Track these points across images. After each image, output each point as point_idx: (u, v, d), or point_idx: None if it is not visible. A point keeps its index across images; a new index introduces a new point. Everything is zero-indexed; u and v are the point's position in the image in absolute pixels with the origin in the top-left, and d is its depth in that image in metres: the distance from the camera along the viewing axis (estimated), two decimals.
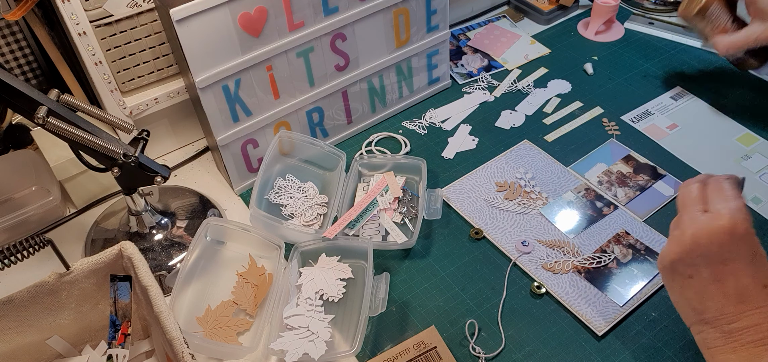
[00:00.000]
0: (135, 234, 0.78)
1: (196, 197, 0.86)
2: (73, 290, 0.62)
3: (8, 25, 0.90)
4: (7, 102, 0.63)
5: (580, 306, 0.70)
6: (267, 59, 0.80)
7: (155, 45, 0.84)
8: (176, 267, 0.77)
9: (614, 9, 1.10)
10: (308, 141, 0.87)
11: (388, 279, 0.74)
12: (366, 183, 0.86)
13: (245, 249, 0.78)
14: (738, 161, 0.86)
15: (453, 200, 0.84)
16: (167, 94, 0.87)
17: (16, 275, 0.72)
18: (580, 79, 1.03)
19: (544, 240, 0.78)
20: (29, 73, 0.96)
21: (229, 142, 0.83)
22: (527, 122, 0.96)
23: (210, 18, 0.73)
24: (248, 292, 0.73)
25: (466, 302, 0.72)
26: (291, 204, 0.83)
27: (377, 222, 0.80)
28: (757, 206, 0.80)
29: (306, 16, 0.81)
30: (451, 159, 0.91)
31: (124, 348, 0.65)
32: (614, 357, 0.66)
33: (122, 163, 0.68)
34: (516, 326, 0.69)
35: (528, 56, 1.09)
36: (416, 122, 0.97)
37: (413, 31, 0.93)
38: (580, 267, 0.74)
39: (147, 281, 0.59)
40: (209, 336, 0.69)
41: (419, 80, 0.99)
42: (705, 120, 0.86)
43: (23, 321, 0.61)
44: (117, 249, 0.63)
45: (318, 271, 0.75)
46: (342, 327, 0.70)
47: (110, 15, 0.78)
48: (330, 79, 0.88)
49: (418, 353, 0.66)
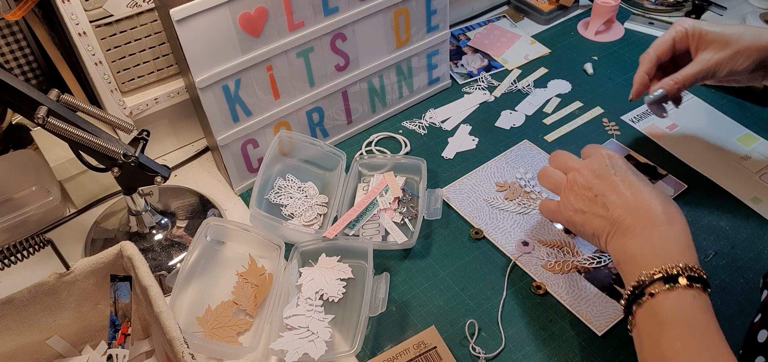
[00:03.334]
0: (135, 234, 0.78)
1: (196, 197, 0.86)
2: (73, 290, 0.62)
3: (8, 25, 0.90)
4: (7, 102, 0.63)
5: (580, 306, 0.70)
6: (267, 59, 0.80)
7: (155, 45, 0.84)
8: (176, 267, 0.77)
9: (614, 9, 1.11)
10: (308, 141, 0.87)
11: (388, 279, 0.74)
12: (366, 183, 0.86)
13: (245, 249, 0.78)
14: (738, 161, 0.86)
15: (453, 200, 0.84)
16: (167, 94, 0.87)
17: (16, 275, 0.72)
18: (580, 79, 1.03)
19: (544, 240, 0.78)
20: (29, 73, 0.96)
21: (229, 142, 0.83)
22: (527, 122, 0.96)
23: (210, 18, 0.73)
24: (248, 292, 0.73)
25: (466, 302, 0.72)
26: (291, 204, 0.83)
27: (377, 222, 0.80)
28: (756, 206, 0.80)
29: (306, 16, 0.81)
30: (451, 159, 0.91)
31: (124, 348, 0.65)
32: (614, 357, 0.66)
33: (122, 163, 0.69)
34: (516, 326, 0.69)
35: (528, 56, 1.09)
36: (416, 122, 0.97)
37: (413, 31, 0.93)
38: (580, 267, 0.74)
39: (147, 281, 0.59)
40: (209, 336, 0.69)
41: (419, 80, 0.99)
42: (705, 120, 0.86)
43: (23, 321, 0.61)
44: (117, 249, 0.63)
45: (318, 271, 0.75)
46: (342, 327, 0.70)
47: (110, 15, 0.78)
48: (330, 79, 0.88)
49: (418, 353, 0.66)
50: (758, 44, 0.73)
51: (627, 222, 0.61)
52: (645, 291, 0.55)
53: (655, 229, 0.59)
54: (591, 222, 0.64)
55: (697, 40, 0.76)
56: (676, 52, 0.79)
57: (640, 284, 0.56)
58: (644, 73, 0.79)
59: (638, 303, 0.56)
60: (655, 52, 0.79)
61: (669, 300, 0.54)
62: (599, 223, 0.63)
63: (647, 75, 0.79)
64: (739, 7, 1.15)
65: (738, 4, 1.16)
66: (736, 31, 0.74)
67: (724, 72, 0.75)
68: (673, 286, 0.54)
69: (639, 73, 0.80)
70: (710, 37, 0.75)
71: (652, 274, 0.55)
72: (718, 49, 0.74)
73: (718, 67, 0.74)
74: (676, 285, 0.54)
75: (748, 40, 0.73)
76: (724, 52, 0.74)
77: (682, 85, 0.76)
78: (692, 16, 1.14)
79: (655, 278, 0.55)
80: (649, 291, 0.55)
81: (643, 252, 0.58)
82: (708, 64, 0.75)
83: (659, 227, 0.59)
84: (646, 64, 0.79)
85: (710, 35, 0.75)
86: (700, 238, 0.77)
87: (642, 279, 0.56)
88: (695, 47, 0.77)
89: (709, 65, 0.75)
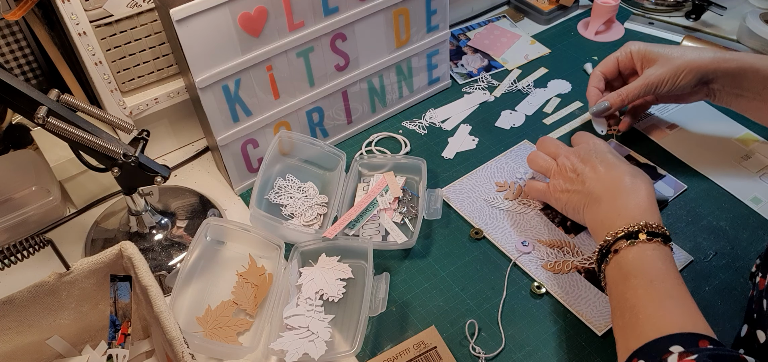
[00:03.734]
0: (135, 234, 0.78)
1: (196, 197, 0.86)
2: (73, 290, 0.62)
3: (8, 25, 0.90)
4: (7, 102, 0.63)
5: (580, 306, 0.70)
6: (267, 59, 0.80)
7: (155, 45, 0.84)
8: (176, 267, 0.77)
9: (614, 9, 1.11)
10: (308, 141, 0.87)
11: (388, 279, 0.74)
12: (366, 183, 0.86)
13: (245, 249, 0.78)
14: (738, 161, 0.86)
15: (453, 200, 0.84)
16: (167, 94, 0.87)
17: (16, 275, 0.72)
18: (580, 79, 1.03)
19: (544, 240, 0.78)
20: (29, 73, 0.96)
21: (229, 142, 0.83)
22: (527, 122, 0.96)
23: (210, 18, 0.73)
24: (248, 292, 0.73)
25: (466, 302, 0.72)
26: (291, 204, 0.83)
27: (377, 222, 0.80)
28: (756, 206, 0.80)
29: (306, 16, 0.81)
30: (451, 159, 0.91)
31: (124, 348, 0.65)
32: (614, 357, 0.66)
33: (122, 163, 0.69)
34: (516, 326, 0.69)
35: (528, 56, 1.09)
36: (416, 122, 0.97)
37: (413, 31, 0.93)
38: (580, 267, 0.74)
39: (147, 281, 0.59)
40: (209, 336, 0.69)
41: (419, 80, 0.99)
42: (705, 120, 0.86)
43: (23, 321, 0.61)
44: (117, 249, 0.63)
45: (318, 271, 0.75)
46: (342, 327, 0.70)
47: (110, 15, 0.78)
48: (330, 79, 0.88)
49: (418, 353, 0.66)
50: (699, 62, 0.79)
51: (598, 192, 0.69)
52: (611, 249, 0.63)
53: (620, 197, 0.67)
54: (572, 199, 0.73)
55: (643, 59, 0.84)
56: (623, 71, 0.87)
57: (605, 243, 0.64)
58: (594, 87, 0.87)
59: (606, 261, 0.64)
60: (601, 69, 0.88)
61: (631, 254, 0.61)
62: (578, 198, 0.72)
63: (597, 89, 0.87)
64: (739, 7, 1.15)
65: (738, 4, 1.16)
66: (679, 51, 0.82)
67: (668, 87, 0.81)
68: (634, 242, 0.61)
69: (589, 88, 0.88)
70: (655, 55, 0.82)
71: (615, 233, 0.63)
72: (661, 66, 0.81)
73: (661, 81, 0.81)
74: (637, 240, 0.61)
75: (689, 57, 0.80)
76: (667, 68, 0.81)
77: (625, 98, 0.83)
78: (692, 17, 1.14)
79: (618, 236, 0.63)
80: (614, 247, 0.63)
81: (611, 216, 0.66)
82: (651, 79, 0.81)
83: (625, 194, 0.67)
84: (595, 80, 0.88)
85: (655, 54, 0.83)
86: (700, 238, 0.77)
87: (607, 239, 0.64)
88: (640, 65, 0.84)
89: (653, 80, 0.81)
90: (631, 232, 0.62)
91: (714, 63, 0.79)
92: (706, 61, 0.79)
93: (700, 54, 0.80)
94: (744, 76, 0.79)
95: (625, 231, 0.62)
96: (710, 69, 0.79)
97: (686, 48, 0.82)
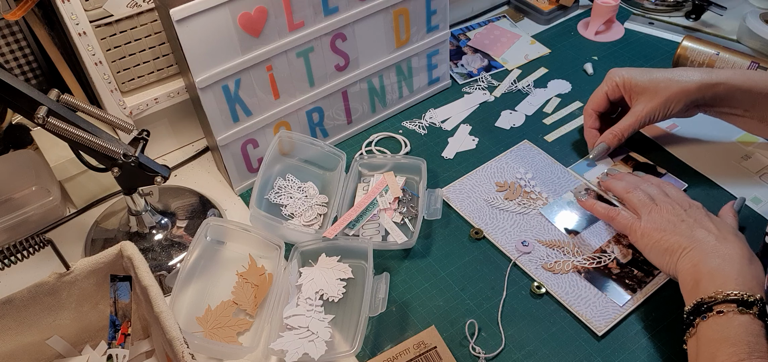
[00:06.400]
0: (135, 234, 0.78)
1: (196, 197, 0.86)
2: (73, 290, 0.62)
3: (8, 25, 0.90)
4: (7, 102, 0.63)
5: (580, 306, 0.70)
6: (267, 59, 0.80)
7: (155, 45, 0.84)
8: (176, 267, 0.77)
9: (614, 9, 1.11)
10: (308, 141, 0.87)
11: (388, 279, 0.74)
12: (366, 183, 0.86)
13: (245, 249, 0.78)
14: (738, 161, 0.86)
15: (453, 200, 0.84)
16: (167, 94, 0.87)
17: (16, 275, 0.72)
18: (580, 79, 1.03)
19: (544, 240, 0.78)
20: (29, 73, 0.96)
21: (229, 142, 0.83)
22: (527, 122, 0.96)
23: (210, 18, 0.73)
24: (248, 292, 0.73)
25: (466, 302, 0.72)
26: (291, 204, 0.83)
27: (377, 222, 0.80)
28: (756, 206, 0.80)
29: (306, 16, 0.81)
30: (451, 159, 0.91)
31: (124, 348, 0.65)
32: (614, 357, 0.66)
33: (122, 163, 0.68)
34: (516, 326, 0.69)
35: (528, 56, 1.09)
36: (416, 122, 0.97)
37: (413, 31, 0.93)
38: (580, 267, 0.74)
39: (147, 281, 0.59)
40: (209, 336, 0.69)
41: (419, 80, 0.99)
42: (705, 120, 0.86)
43: (23, 321, 0.61)
44: (117, 249, 0.63)
45: (318, 271, 0.75)
46: (342, 327, 0.70)
47: (110, 15, 0.78)
48: (330, 79, 0.88)
49: (418, 353, 0.66)
50: (687, 89, 0.79)
51: (711, 243, 0.65)
52: (714, 307, 0.59)
53: (737, 260, 0.63)
54: (668, 239, 0.68)
55: (630, 90, 0.84)
56: (613, 100, 0.86)
57: (711, 299, 0.60)
58: (590, 128, 0.88)
59: (704, 316, 0.60)
60: (592, 107, 0.87)
61: (737, 320, 0.58)
62: (678, 240, 0.68)
63: (594, 129, 0.88)
64: (739, 7, 1.15)
65: (738, 4, 1.16)
66: (664, 78, 0.81)
67: (660, 117, 0.82)
68: (745, 311, 0.58)
69: (587, 130, 0.88)
70: (641, 86, 0.82)
71: (727, 294, 0.59)
72: (650, 98, 0.81)
73: (652, 114, 0.82)
74: (749, 312, 0.58)
75: (676, 87, 0.80)
76: (656, 101, 0.81)
77: (621, 137, 0.84)
78: (692, 17, 1.14)
79: (730, 298, 0.59)
80: (719, 308, 0.59)
81: (725, 273, 0.62)
82: (641, 115, 0.82)
83: (742, 260, 0.63)
84: (589, 120, 0.88)
85: (641, 85, 0.82)
86: None
87: (715, 296, 0.60)
88: (628, 96, 0.84)
89: (643, 115, 0.82)
90: (745, 301, 0.59)
91: (702, 89, 0.79)
92: (694, 87, 0.79)
93: (687, 77, 0.80)
94: (732, 96, 0.79)
95: (740, 297, 0.59)
96: (698, 95, 0.80)
97: (672, 70, 0.81)
